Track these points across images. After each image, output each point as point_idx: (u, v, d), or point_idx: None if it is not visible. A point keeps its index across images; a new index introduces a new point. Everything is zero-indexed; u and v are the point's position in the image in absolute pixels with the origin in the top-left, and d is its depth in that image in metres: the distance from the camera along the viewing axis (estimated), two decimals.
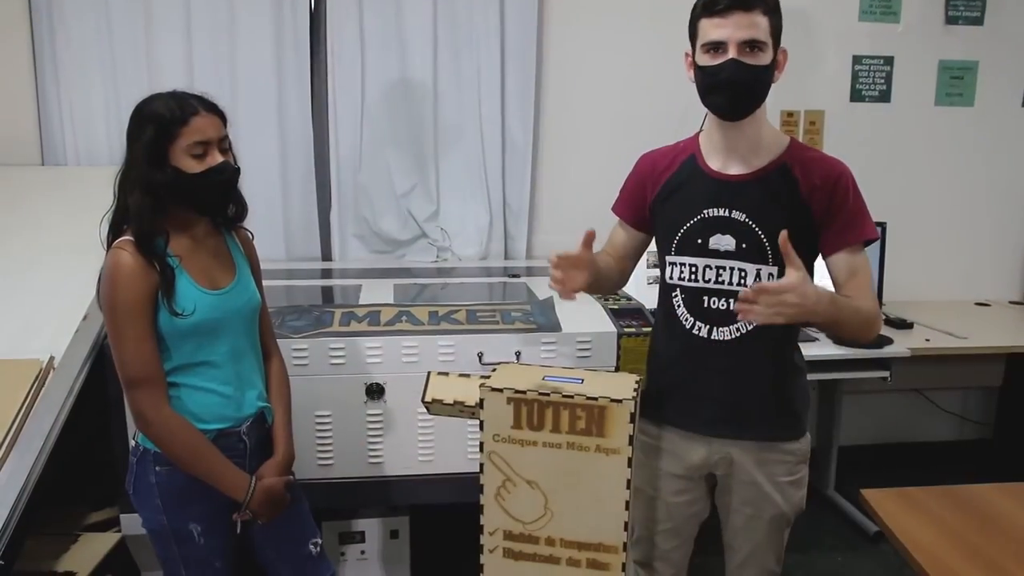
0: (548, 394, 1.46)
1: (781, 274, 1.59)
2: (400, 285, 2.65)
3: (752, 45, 1.52)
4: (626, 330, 2.26)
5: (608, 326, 2.28)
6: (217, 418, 1.67)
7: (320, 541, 1.90)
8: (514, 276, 2.83)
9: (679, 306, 1.70)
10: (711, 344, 1.65)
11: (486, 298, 2.56)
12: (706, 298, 1.66)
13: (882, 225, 3.01)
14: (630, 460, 1.46)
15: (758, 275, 1.62)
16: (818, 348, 2.82)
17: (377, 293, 2.52)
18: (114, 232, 1.60)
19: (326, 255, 3.10)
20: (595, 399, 1.44)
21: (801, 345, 2.63)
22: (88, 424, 1.63)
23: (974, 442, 3.72)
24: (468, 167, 3.08)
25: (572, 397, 1.45)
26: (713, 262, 1.65)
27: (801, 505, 1.75)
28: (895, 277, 3.19)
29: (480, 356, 2.18)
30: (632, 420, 1.44)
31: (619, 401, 1.43)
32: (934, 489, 1.77)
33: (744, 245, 1.62)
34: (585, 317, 2.32)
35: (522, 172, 3.11)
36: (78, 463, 2.15)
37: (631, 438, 1.45)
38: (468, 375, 1.61)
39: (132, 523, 2.13)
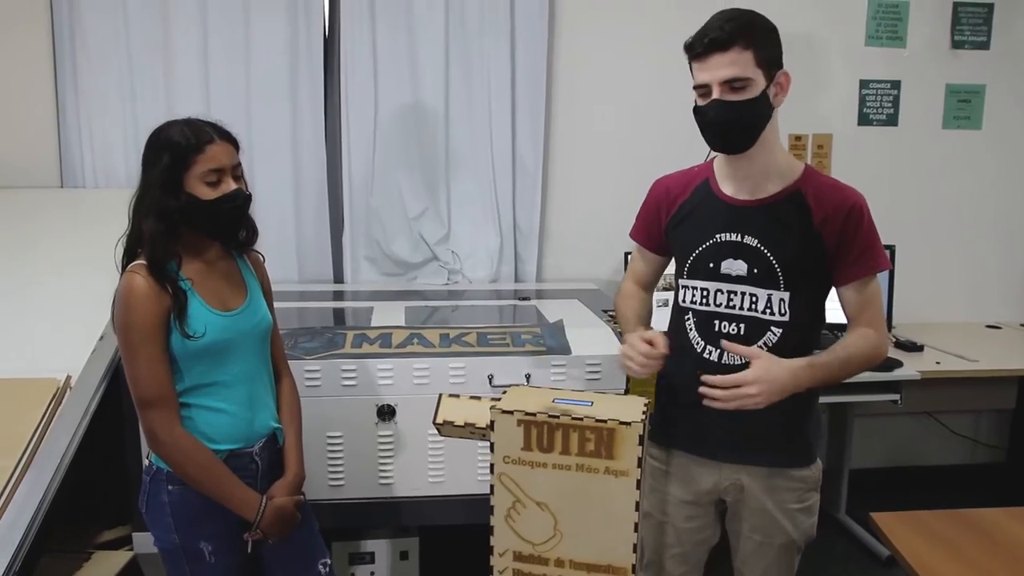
0: (558, 416, 1.47)
1: (794, 300, 1.61)
2: (411, 308, 2.68)
3: (734, 83, 1.54)
4: None
5: (618, 349, 2.28)
6: (229, 438, 1.69)
7: (329, 562, 1.91)
8: (524, 299, 2.85)
9: (691, 329, 1.71)
10: (722, 368, 1.65)
11: (496, 321, 2.58)
12: (717, 322, 1.67)
13: (891, 248, 3.01)
14: (639, 482, 1.46)
15: (769, 300, 1.63)
16: None
17: (389, 315, 2.54)
18: (128, 256, 1.63)
19: (338, 277, 3.12)
20: (604, 421, 1.45)
21: None
22: (102, 443, 1.66)
23: (987, 466, 3.69)
24: (479, 190, 3.11)
25: (581, 419, 1.46)
26: (725, 286, 1.66)
27: (811, 533, 1.75)
28: (905, 299, 3.19)
29: (491, 378, 2.20)
30: (641, 442, 1.45)
31: (628, 424, 1.44)
32: (944, 513, 1.76)
33: (756, 270, 1.63)
34: (595, 340, 2.33)
35: (532, 195, 3.13)
36: (92, 481, 2.17)
37: (640, 460, 1.46)
38: (479, 397, 1.62)
39: (144, 541, 2.15)
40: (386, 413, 2.22)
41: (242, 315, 1.70)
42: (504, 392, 1.58)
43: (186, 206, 1.59)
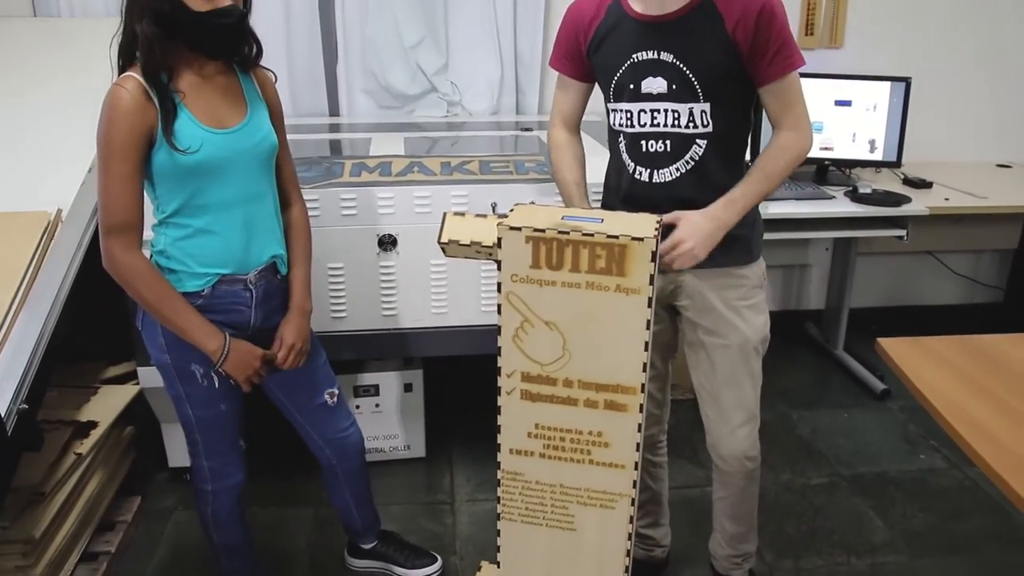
0: (568, 233, 1.42)
1: (714, 110, 1.63)
2: (411, 139, 2.59)
3: None
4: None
5: None
6: (220, 263, 1.64)
7: (337, 391, 1.91)
8: (527, 129, 2.76)
9: (623, 152, 1.72)
10: (653, 186, 1.69)
11: (498, 150, 2.50)
12: (644, 142, 1.68)
13: (906, 80, 2.91)
14: (650, 300, 1.43)
15: (691, 113, 1.63)
16: (834, 206, 2.78)
17: (387, 146, 2.46)
18: (124, 56, 1.54)
19: (333, 111, 3.03)
20: (616, 237, 1.40)
21: (818, 203, 2.61)
22: (105, 281, 1.61)
23: (984, 305, 3.73)
24: (478, 18, 2.95)
25: (592, 236, 1.41)
26: (647, 105, 1.66)
27: (764, 332, 1.78)
28: (916, 135, 3.10)
29: (494, 207, 2.14)
30: (653, 259, 1.40)
31: (640, 239, 1.40)
32: (949, 338, 1.75)
33: (674, 86, 1.62)
34: (600, 168, 2.25)
35: (534, 23, 2.99)
36: (94, 318, 2.16)
37: (652, 277, 1.42)
38: (485, 215, 1.57)
39: (149, 376, 2.16)
40: (387, 243, 2.18)
41: (239, 134, 1.62)
42: (511, 210, 1.52)
43: (176, 14, 1.48)
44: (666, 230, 1.60)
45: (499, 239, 1.45)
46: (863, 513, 2.44)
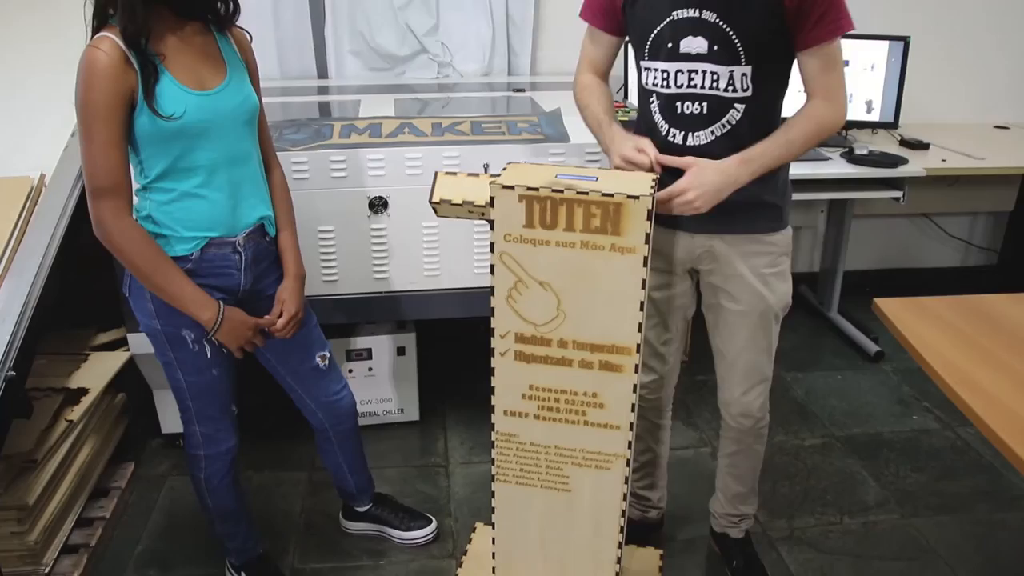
0: (562, 191, 1.39)
1: (755, 74, 1.55)
2: (401, 100, 2.55)
3: None
4: None
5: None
6: (208, 226, 1.60)
7: (328, 354, 1.89)
8: (519, 91, 2.72)
9: (655, 112, 1.66)
10: (687, 150, 1.61)
11: (490, 111, 2.46)
12: (679, 103, 1.61)
13: (904, 40, 2.86)
14: (646, 259, 1.42)
15: (731, 76, 1.55)
16: (830, 167, 2.76)
17: (377, 108, 2.41)
18: (98, 17, 1.48)
19: (322, 73, 2.97)
20: (611, 195, 1.38)
21: (814, 164, 2.58)
22: (89, 245, 1.58)
23: (978, 268, 3.73)
24: None
25: (587, 194, 1.39)
26: (685, 66, 1.58)
27: (787, 299, 1.76)
28: (914, 96, 3.06)
29: (486, 167, 2.10)
30: (649, 217, 1.38)
31: (636, 198, 1.38)
32: (946, 298, 1.74)
33: (716, 47, 1.54)
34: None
35: None
36: (82, 285, 2.13)
37: (648, 236, 1.40)
38: (477, 175, 1.54)
39: (140, 343, 2.14)
40: (378, 205, 2.15)
41: (221, 95, 1.58)
42: (504, 169, 1.50)
43: None
44: (674, 173, 1.56)
45: (492, 198, 1.43)
46: (856, 473, 2.45)
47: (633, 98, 2.65)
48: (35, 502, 1.94)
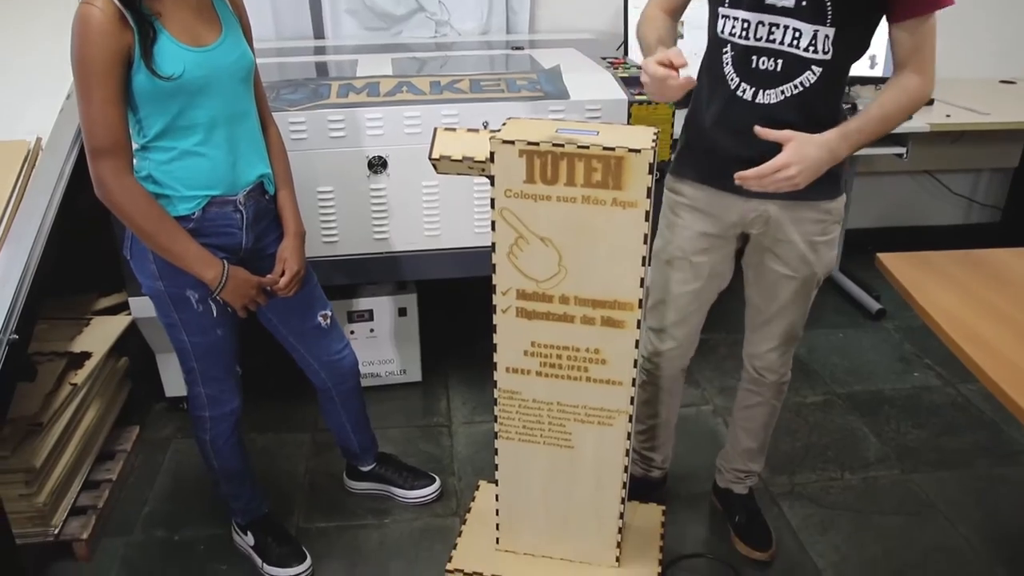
0: (562, 145, 1.38)
1: (838, 37, 1.47)
2: (398, 59, 2.52)
3: None
4: (636, 97, 2.16)
5: (618, 93, 2.17)
6: (209, 184, 1.59)
7: (330, 313, 1.89)
8: (518, 48, 2.68)
9: (727, 64, 1.57)
10: (755, 107, 1.54)
11: (489, 70, 2.43)
12: (755, 57, 1.53)
13: None
14: (648, 213, 1.41)
15: (814, 36, 1.48)
16: None
17: (375, 67, 2.38)
18: None
19: (318, 33, 2.93)
20: (612, 149, 1.37)
21: None
22: (89, 208, 1.57)
23: (981, 226, 3.71)
24: None
25: (588, 148, 1.37)
26: (767, 18, 1.50)
27: (831, 265, 1.75)
28: None
29: (485, 125, 2.08)
30: (651, 171, 1.37)
31: (637, 151, 1.36)
32: (949, 253, 1.74)
33: (804, 2, 1.46)
34: (594, 85, 2.21)
35: None
36: (82, 249, 2.12)
37: (649, 190, 1.39)
38: (477, 130, 1.53)
39: (141, 306, 2.13)
40: (377, 165, 2.13)
41: (217, 51, 1.55)
42: (504, 124, 1.48)
43: None
44: (767, 147, 1.46)
45: (492, 153, 1.42)
46: (857, 430, 2.46)
47: (633, 55, 2.61)
48: (42, 465, 1.95)
